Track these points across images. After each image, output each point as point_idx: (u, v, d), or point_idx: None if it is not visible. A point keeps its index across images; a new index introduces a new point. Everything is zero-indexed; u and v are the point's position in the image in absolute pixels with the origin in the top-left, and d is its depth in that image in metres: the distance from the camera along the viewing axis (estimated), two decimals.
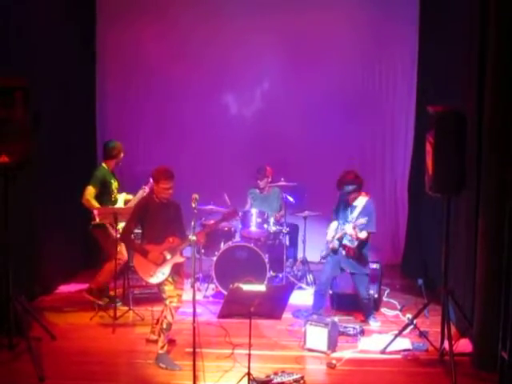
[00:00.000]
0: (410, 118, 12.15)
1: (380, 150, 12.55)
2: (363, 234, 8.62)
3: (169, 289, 7.65)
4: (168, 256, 7.69)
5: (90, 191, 9.30)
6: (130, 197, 9.82)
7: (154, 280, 7.70)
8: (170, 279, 7.69)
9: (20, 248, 8.68)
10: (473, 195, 7.77)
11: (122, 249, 9.29)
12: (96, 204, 9.29)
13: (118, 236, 8.65)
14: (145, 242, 7.89)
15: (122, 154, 9.82)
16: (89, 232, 9.57)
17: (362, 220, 8.51)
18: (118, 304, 9.25)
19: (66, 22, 10.65)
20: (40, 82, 9.04)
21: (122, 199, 9.72)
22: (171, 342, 7.85)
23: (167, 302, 7.58)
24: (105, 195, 9.46)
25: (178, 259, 7.76)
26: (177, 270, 7.82)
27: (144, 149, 12.64)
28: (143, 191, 9.73)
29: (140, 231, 8.26)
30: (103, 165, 9.64)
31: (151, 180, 9.68)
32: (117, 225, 9.08)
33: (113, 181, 9.63)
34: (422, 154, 8.03)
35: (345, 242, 8.73)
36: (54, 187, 9.58)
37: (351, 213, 8.82)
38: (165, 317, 7.54)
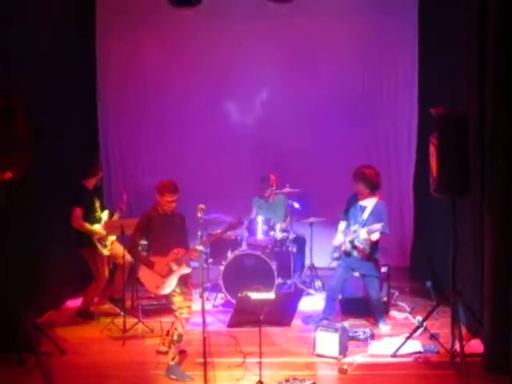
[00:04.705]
0: (412, 120, 12.15)
1: (384, 152, 12.57)
2: (375, 236, 8.62)
3: (177, 300, 7.62)
4: (174, 267, 7.67)
5: (78, 213, 9.35)
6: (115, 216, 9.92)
7: (161, 292, 7.68)
8: (177, 290, 7.66)
9: (27, 263, 8.70)
10: (478, 196, 7.75)
11: (118, 251, 9.43)
12: (86, 224, 9.38)
13: (125, 248, 8.72)
14: (150, 253, 7.89)
15: (100, 172, 9.97)
16: (78, 252, 9.65)
17: (378, 226, 8.49)
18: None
19: (66, 32, 10.65)
20: (41, 94, 9.08)
21: (105, 216, 9.75)
22: (182, 352, 7.81)
23: (177, 313, 7.56)
24: (89, 215, 9.50)
25: (185, 270, 7.73)
26: (184, 281, 7.80)
27: (147, 160, 12.66)
28: (119, 212, 9.82)
29: (146, 243, 8.27)
30: (84, 184, 9.66)
31: (124, 198, 9.80)
32: (106, 242, 9.51)
33: (95, 200, 9.68)
34: (426, 155, 8.02)
35: (357, 243, 8.72)
36: (60, 201, 9.58)
37: (362, 213, 8.82)
38: (175, 328, 7.51)
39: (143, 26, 12.38)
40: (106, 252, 9.52)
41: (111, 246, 9.62)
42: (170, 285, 7.64)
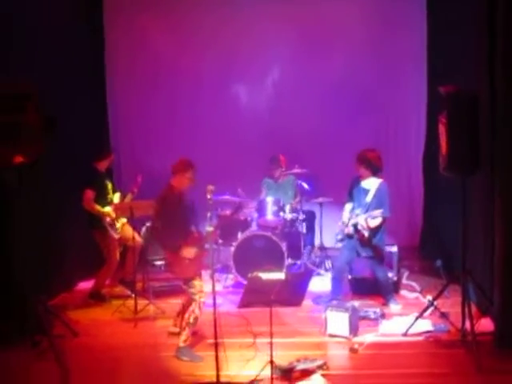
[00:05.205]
0: (422, 101, 12.12)
1: (393, 133, 12.57)
2: (375, 223, 8.63)
3: (199, 283, 7.60)
4: (196, 250, 7.63)
5: (90, 195, 9.39)
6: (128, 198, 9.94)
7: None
8: (198, 273, 7.69)
9: (39, 246, 8.75)
10: (488, 174, 7.74)
11: (129, 234, 9.45)
12: (97, 206, 9.40)
13: (150, 234, 8.78)
14: (167, 236, 7.79)
15: (112, 155, 10.05)
16: (89, 235, 9.71)
17: (377, 212, 8.52)
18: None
19: (74, 18, 10.71)
20: (51, 79, 9.10)
21: (116, 199, 9.80)
22: (194, 333, 7.79)
23: (197, 296, 7.51)
24: (101, 197, 9.55)
25: (203, 252, 7.73)
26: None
27: (157, 143, 12.63)
28: (132, 194, 9.81)
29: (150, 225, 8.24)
30: (96, 167, 9.69)
31: (138, 179, 9.77)
32: (116, 225, 9.56)
33: (107, 182, 9.72)
34: (436, 135, 8.00)
35: (359, 227, 8.73)
36: (71, 185, 9.61)
37: (365, 196, 8.83)
38: (192, 311, 7.49)
39: (152, 10, 12.36)
40: (116, 235, 9.56)
41: (122, 229, 9.65)
42: (199, 268, 7.69)
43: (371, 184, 8.87)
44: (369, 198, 8.81)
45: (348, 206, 9.09)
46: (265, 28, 12.20)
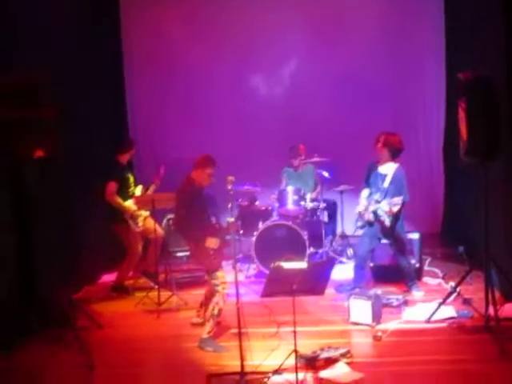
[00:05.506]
0: (440, 87, 12.05)
1: (413, 119, 12.50)
2: (396, 208, 8.59)
3: (221, 275, 7.60)
4: (219, 241, 7.64)
5: (112, 187, 9.39)
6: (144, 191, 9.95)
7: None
8: (220, 264, 7.71)
9: (62, 239, 8.79)
10: (508, 160, 7.70)
11: (151, 226, 9.52)
12: (119, 200, 9.40)
13: (173, 226, 8.73)
14: (188, 227, 7.77)
15: (134, 147, 10.00)
16: (111, 228, 9.73)
17: (398, 199, 8.45)
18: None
19: (90, 10, 10.74)
20: (67, 72, 9.08)
21: (138, 192, 9.80)
22: (218, 324, 7.77)
23: (220, 288, 7.52)
24: (123, 190, 9.55)
25: (225, 243, 7.73)
26: None
27: (176, 135, 12.64)
28: (154, 186, 9.81)
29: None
30: (118, 160, 9.70)
31: (161, 171, 9.77)
32: (137, 217, 9.52)
33: (129, 175, 9.72)
34: (456, 121, 7.96)
35: (380, 213, 8.69)
36: (92, 178, 9.63)
37: (383, 182, 8.79)
38: (217, 303, 7.50)
39: (166, 1, 12.37)
40: (137, 228, 9.56)
41: (144, 222, 9.65)
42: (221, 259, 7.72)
43: (388, 169, 8.84)
44: (386, 183, 8.77)
45: (364, 193, 9.05)
46: (280, 17, 12.16)
